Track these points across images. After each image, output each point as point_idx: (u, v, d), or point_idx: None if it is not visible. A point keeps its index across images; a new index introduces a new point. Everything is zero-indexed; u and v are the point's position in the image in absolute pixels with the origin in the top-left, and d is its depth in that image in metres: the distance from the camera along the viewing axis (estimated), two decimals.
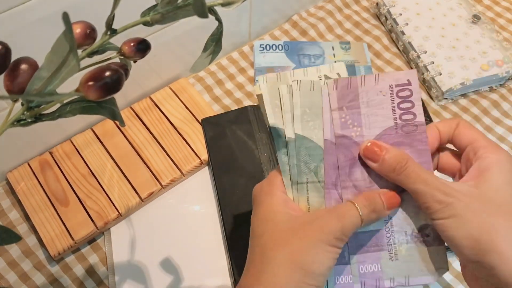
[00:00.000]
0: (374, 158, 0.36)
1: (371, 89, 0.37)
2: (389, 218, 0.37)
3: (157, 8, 0.28)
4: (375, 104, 0.37)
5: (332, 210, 0.35)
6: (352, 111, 0.37)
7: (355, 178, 0.37)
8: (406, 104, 0.37)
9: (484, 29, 0.73)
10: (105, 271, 0.55)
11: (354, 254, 0.37)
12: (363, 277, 0.37)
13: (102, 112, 0.29)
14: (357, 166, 0.37)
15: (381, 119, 0.37)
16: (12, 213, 0.59)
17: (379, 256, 0.37)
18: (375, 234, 0.37)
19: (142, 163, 0.60)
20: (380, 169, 0.36)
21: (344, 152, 0.37)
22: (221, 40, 0.32)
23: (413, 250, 0.37)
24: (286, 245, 0.34)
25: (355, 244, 0.37)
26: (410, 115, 0.37)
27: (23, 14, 0.46)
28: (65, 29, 0.23)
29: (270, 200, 0.37)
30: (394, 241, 0.37)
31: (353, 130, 0.37)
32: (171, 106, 0.65)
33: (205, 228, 0.58)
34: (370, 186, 0.37)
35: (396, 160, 0.35)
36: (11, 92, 0.28)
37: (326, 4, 0.80)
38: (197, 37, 0.65)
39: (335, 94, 0.37)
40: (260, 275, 0.34)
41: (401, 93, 0.37)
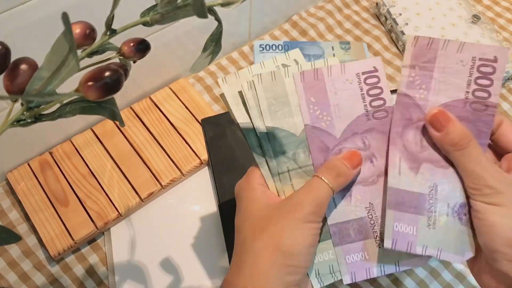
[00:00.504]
0: (438, 127, 0.35)
1: (452, 55, 0.35)
2: (435, 185, 0.36)
3: (157, 8, 0.28)
4: (451, 72, 0.35)
5: (301, 188, 0.36)
6: (424, 72, 0.35)
7: (407, 139, 0.36)
8: (484, 80, 0.34)
9: (484, 29, 0.73)
10: (105, 271, 0.55)
11: (391, 209, 0.35)
12: (396, 235, 0.35)
13: (102, 112, 0.29)
14: (412, 129, 0.36)
15: (452, 88, 0.35)
16: (12, 213, 0.59)
17: (416, 219, 0.35)
18: (417, 196, 0.35)
19: (142, 163, 0.60)
20: (441, 140, 0.35)
21: (401, 111, 0.36)
22: (220, 40, 0.32)
23: (451, 224, 0.35)
24: (263, 232, 0.34)
25: (394, 199, 0.35)
26: (484, 93, 0.35)
27: (23, 14, 0.46)
28: (65, 29, 0.23)
29: (249, 194, 0.38)
30: (435, 209, 0.35)
31: (419, 92, 0.36)
32: (171, 106, 0.65)
33: (205, 228, 0.58)
34: (420, 151, 0.36)
35: (460, 136, 0.35)
36: (10, 92, 0.28)
37: (326, 4, 0.80)
38: (197, 37, 0.65)
39: (411, 51, 0.35)
40: (242, 267, 0.34)
41: (483, 68, 0.34)
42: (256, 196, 0.37)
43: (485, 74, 0.34)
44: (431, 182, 0.36)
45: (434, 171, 0.36)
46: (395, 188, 0.35)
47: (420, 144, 0.36)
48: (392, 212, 0.35)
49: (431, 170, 0.36)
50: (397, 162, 0.36)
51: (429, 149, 0.36)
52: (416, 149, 0.36)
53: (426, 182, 0.36)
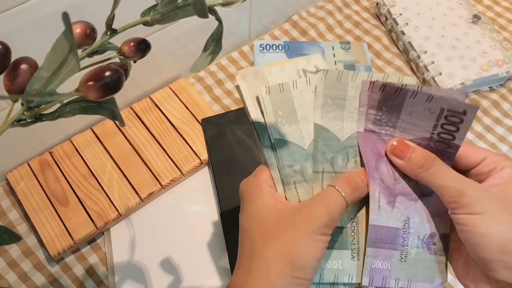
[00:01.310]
0: (400, 155, 0.36)
1: (420, 103, 0.35)
2: (408, 219, 0.37)
3: (157, 8, 0.28)
4: (417, 116, 0.36)
5: (316, 198, 0.36)
6: (391, 114, 0.36)
7: (382, 172, 0.37)
8: (451, 127, 0.35)
9: (484, 29, 0.73)
10: (105, 271, 0.55)
11: (370, 247, 0.36)
12: (373, 272, 0.36)
13: (102, 112, 0.29)
14: (383, 162, 0.37)
15: (418, 129, 0.36)
16: (12, 213, 0.59)
17: (391, 254, 0.36)
18: (393, 231, 0.37)
19: (142, 163, 0.60)
20: (406, 166, 0.36)
21: (370, 146, 0.37)
22: (221, 40, 0.31)
23: (420, 255, 0.37)
24: (275, 239, 0.34)
25: (374, 236, 0.36)
26: (449, 136, 0.36)
27: (23, 14, 0.46)
28: (65, 29, 0.23)
29: (257, 195, 0.37)
30: (408, 243, 0.37)
31: (385, 128, 0.37)
32: (171, 106, 0.65)
33: (205, 228, 0.58)
34: (394, 184, 0.37)
35: (423, 157, 0.35)
36: (11, 92, 0.27)
37: (326, 4, 0.80)
38: (197, 37, 0.65)
39: (378, 95, 0.36)
40: (251, 271, 0.34)
41: (451, 118, 0.35)
42: (265, 197, 0.37)
43: (453, 123, 0.35)
44: (405, 216, 0.37)
45: (407, 204, 0.37)
46: (375, 225, 0.36)
47: (393, 176, 0.37)
48: (371, 250, 0.36)
49: (405, 203, 0.37)
50: (377, 197, 0.37)
51: (401, 181, 0.37)
52: (391, 182, 0.37)
53: (401, 216, 0.37)
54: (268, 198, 0.37)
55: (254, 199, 0.37)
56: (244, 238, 0.36)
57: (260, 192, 0.37)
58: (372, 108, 0.37)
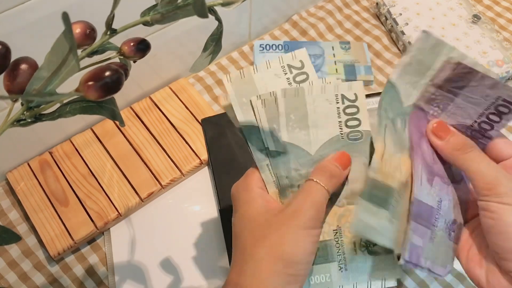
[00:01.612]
0: (441, 135, 0.37)
1: (482, 88, 0.36)
2: (440, 200, 0.37)
3: (157, 8, 0.28)
4: (472, 102, 0.36)
5: (298, 194, 0.36)
6: (448, 95, 0.37)
7: (424, 150, 0.37)
8: (495, 117, 0.36)
9: (484, 29, 0.73)
10: (105, 271, 0.55)
11: (413, 221, 0.36)
12: (412, 248, 0.35)
13: (102, 112, 0.29)
14: (424, 142, 0.37)
15: (464, 115, 0.37)
16: (12, 213, 0.59)
17: (425, 232, 0.36)
18: (429, 209, 0.36)
19: (142, 163, 0.60)
20: (445, 147, 0.36)
21: (415, 123, 0.37)
22: (221, 40, 0.32)
23: (443, 239, 0.37)
24: (264, 239, 0.34)
25: (416, 210, 0.36)
26: (488, 126, 0.36)
27: (23, 14, 0.46)
28: (65, 29, 0.23)
29: (247, 197, 0.38)
30: (437, 224, 0.36)
31: (434, 109, 0.37)
32: (171, 106, 0.65)
33: (205, 228, 0.58)
34: (433, 163, 0.37)
35: (462, 141, 0.36)
36: (11, 92, 0.28)
37: (326, 4, 0.80)
38: (197, 37, 0.65)
39: (447, 72, 0.36)
40: (243, 273, 0.34)
41: (501, 108, 0.36)
42: (254, 198, 0.37)
43: (500, 113, 0.36)
44: (439, 196, 0.37)
45: (442, 186, 0.37)
46: (418, 199, 0.36)
47: (432, 156, 0.37)
48: (413, 224, 0.36)
49: (439, 185, 0.37)
50: (420, 172, 0.36)
51: (438, 163, 0.37)
52: (430, 161, 0.37)
53: (436, 196, 0.37)
54: (257, 200, 0.37)
55: (244, 201, 0.38)
56: (235, 240, 0.37)
57: (250, 193, 0.38)
58: (434, 86, 0.37)
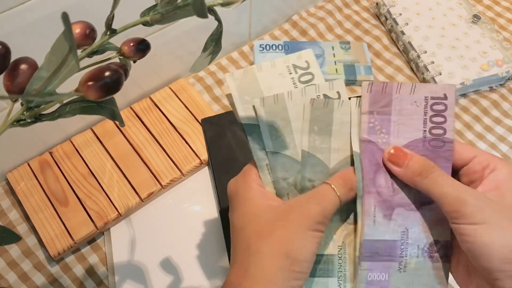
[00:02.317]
0: (398, 162, 0.36)
1: (405, 97, 0.36)
2: (406, 230, 0.37)
3: (157, 8, 0.28)
4: (407, 114, 0.36)
5: (310, 195, 0.36)
6: (382, 117, 0.37)
7: (379, 185, 0.36)
8: (438, 118, 0.36)
9: (484, 29, 0.73)
10: (105, 271, 0.55)
11: (365, 261, 0.36)
12: (370, 285, 0.36)
13: (102, 112, 0.29)
14: (382, 173, 0.37)
15: (410, 129, 0.36)
16: (12, 213, 0.59)
17: (389, 266, 0.36)
18: (390, 244, 0.36)
19: (142, 163, 0.60)
20: (404, 174, 0.36)
21: (369, 158, 0.37)
22: (220, 40, 0.32)
23: (421, 264, 0.37)
24: (270, 236, 0.34)
25: (369, 251, 0.36)
26: (440, 130, 0.36)
27: (23, 14, 0.46)
28: (65, 29, 0.23)
29: (248, 194, 0.37)
30: (406, 254, 0.36)
31: (380, 136, 0.37)
32: (171, 106, 0.65)
33: (205, 228, 0.58)
34: (393, 195, 0.36)
35: (421, 165, 0.35)
36: (10, 92, 0.28)
37: (326, 4, 0.80)
38: (197, 37, 0.65)
39: (367, 97, 0.36)
40: (247, 269, 0.34)
41: (436, 106, 0.36)
42: (255, 195, 0.37)
43: (438, 112, 0.36)
44: (403, 227, 0.37)
45: (406, 215, 0.37)
46: (369, 240, 0.36)
47: (392, 187, 0.37)
48: (366, 264, 0.36)
49: (403, 214, 0.37)
50: (372, 211, 0.36)
51: (400, 192, 0.37)
52: (389, 194, 0.37)
53: (398, 228, 0.37)
54: (259, 197, 0.37)
55: (244, 198, 0.37)
56: (237, 237, 0.36)
57: (250, 190, 0.37)
58: (365, 114, 0.37)
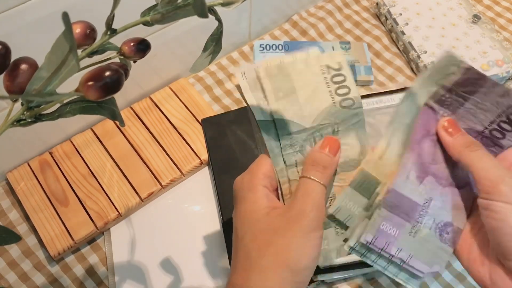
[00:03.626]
0: (451, 132, 0.37)
1: (493, 96, 0.36)
2: (430, 199, 0.37)
3: (157, 8, 0.28)
4: (482, 108, 0.36)
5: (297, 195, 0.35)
6: (458, 98, 0.37)
7: (422, 149, 0.37)
8: (507, 126, 0.36)
9: (484, 29, 0.73)
10: (105, 271, 0.55)
11: (385, 209, 0.36)
12: (379, 233, 0.36)
13: (102, 112, 0.29)
14: (428, 140, 0.37)
15: (475, 121, 0.37)
16: (12, 213, 0.59)
17: (403, 224, 0.36)
18: (412, 204, 0.37)
19: (142, 163, 0.60)
20: (453, 144, 0.36)
21: (423, 121, 0.37)
22: (221, 40, 0.32)
23: (431, 237, 0.37)
24: (269, 246, 0.34)
25: (393, 201, 0.36)
26: (500, 135, 0.36)
27: (23, 14, 0.46)
28: (65, 29, 0.23)
29: (252, 196, 0.37)
30: (422, 221, 0.37)
31: (444, 110, 0.37)
32: (171, 106, 0.65)
33: (205, 228, 0.58)
34: (431, 163, 0.37)
35: (471, 140, 0.36)
36: (11, 92, 0.28)
37: (326, 4, 0.80)
38: (197, 37, 0.65)
39: (457, 78, 0.36)
40: (249, 280, 0.34)
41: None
42: (258, 198, 0.36)
43: (511, 123, 0.36)
44: (428, 195, 0.37)
45: (435, 186, 0.37)
46: (397, 191, 0.36)
47: (433, 156, 0.37)
48: (385, 211, 0.36)
49: (433, 184, 0.37)
50: (408, 167, 0.37)
51: (438, 163, 0.37)
52: (427, 160, 0.37)
53: (425, 193, 0.37)
54: (261, 200, 0.36)
55: (247, 200, 0.37)
56: (238, 245, 0.36)
57: (254, 193, 0.37)
58: (444, 89, 0.37)
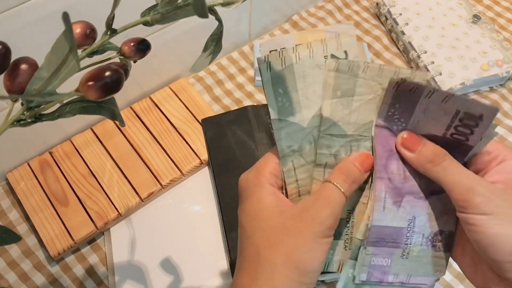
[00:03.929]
0: (411, 147, 0.35)
1: (435, 103, 0.34)
2: (413, 218, 0.36)
3: (157, 8, 0.28)
4: (431, 116, 0.35)
5: (317, 198, 0.35)
6: (404, 110, 0.36)
7: (391, 171, 0.36)
8: (465, 129, 0.34)
9: (484, 29, 0.73)
10: (105, 271, 0.55)
11: (371, 246, 0.36)
12: (372, 269, 0.36)
13: (102, 112, 0.29)
14: (394, 159, 0.36)
15: (430, 128, 0.35)
16: (12, 213, 0.59)
17: (393, 252, 0.36)
18: (397, 231, 0.36)
19: (142, 163, 0.60)
20: (416, 160, 0.35)
21: (381, 143, 0.36)
22: (221, 40, 0.32)
23: (423, 252, 0.37)
24: (280, 245, 0.33)
25: (376, 236, 0.36)
26: (462, 137, 0.35)
27: (23, 14, 0.46)
28: (65, 29, 0.23)
29: (258, 193, 0.36)
30: (411, 241, 0.36)
31: (397, 124, 0.36)
32: (171, 106, 0.65)
33: (205, 228, 0.58)
34: (403, 182, 0.36)
35: (433, 152, 0.34)
36: (11, 92, 0.28)
37: (326, 4, 0.80)
38: (197, 37, 0.65)
39: (392, 92, 0.35)
40: (256, 277, 0.34)
41: (466, 120, 0.34)
42: (266, 196, 0.36)
43: (467, 126, 0.34)
44: (411, 215, 0.36)
45: (414, 203, 0.36)
46: (378, 225, 0.36)
47: (403, 174, 0.36)
48: (371, 248, 0.36)
49: (412, 202, 0.36)
50: (383, 198, 0.36)
51: (411, 179, 0.36)
52: (399, 181, 0.36)
53: (406, 215, 0.36)
54: (269, 198, 0.36)
55: (255, 198, 0.36)
56: (246, 242, 0.36)
57: (262, 190, 0.36)
58: (385, 104, 0.36)
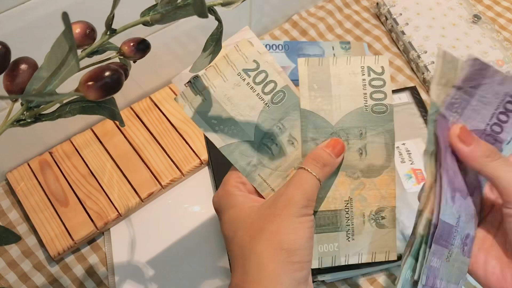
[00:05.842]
0: (467, 141, 0.34)
1: (493, 86, 0.34)
2: (459, 217, 0.35)
3: (157, 8, 0.28)
4: (485, 102, 0.34)
5: (289, 183, 0.36)
6: (466, 97, 0.35)
7: (448, 164, 0.35)
8: (503, 116, 0.35)
9: (484, 29, 0.73)
10: (105, 271, 0.55)
11: (434, 243, 0.33)
12: (429, 271, 0.33)
13: (101, 112, 0.29)
14: (448, 154, 0.35)
15: (478, 118, 0.35)
16: (12, 213, 0.59)
17: (443, 252, 0.34)
18: (449, 228, 0.34)
19: (142, 163, 0.60)
20: (471, 153, 0.34)
21: (442, 133, 0.35)
22: (221, 40, 0.32)
23: (458, 255, 0.35)
24: (261, 233, 0.34)
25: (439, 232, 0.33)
26: (498, 128, 0.35)
27: (23, 14, 0.46)
28: (65, 29, 0.23)
29: (231, 202, 0.37)
30: (454, 242, 0.35)
31: (453, 115, 0.35)
32: (171, 106, 0.65)
33: (205, 228, 0.58)
34: (454, 177, 0.35)
35: (489, 148, 0.34)
36: (10, 92, 0.28)
37: (326, 4, 0.80)
38: (197, 37, 0.65)
39: (466, 71, 0.34)
40: (246, 271, 0.34)
41: (508, 105, 0.34)
42: (239, 201, 0.37)
43: (507, 111, 0.34)
44: (458, 213, 0.35)
45: (461, 201, 0.35)
46: (443, 220, 0.34)
47: (454, 169, 0.35)
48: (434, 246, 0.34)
49: (459, 200, 0.35)
50: (445, 189, 0.34)
51: (457, 176, 0.35)
52: (452, 175, 0.35)
53: (456, 213, 0.35)
54: (242, 201, 0.37)
55: (229, 207, 0.37)
56: (230, 244, 0.37)
57: (233, 198, 0.37)
58: (454, 88, 0.34)
